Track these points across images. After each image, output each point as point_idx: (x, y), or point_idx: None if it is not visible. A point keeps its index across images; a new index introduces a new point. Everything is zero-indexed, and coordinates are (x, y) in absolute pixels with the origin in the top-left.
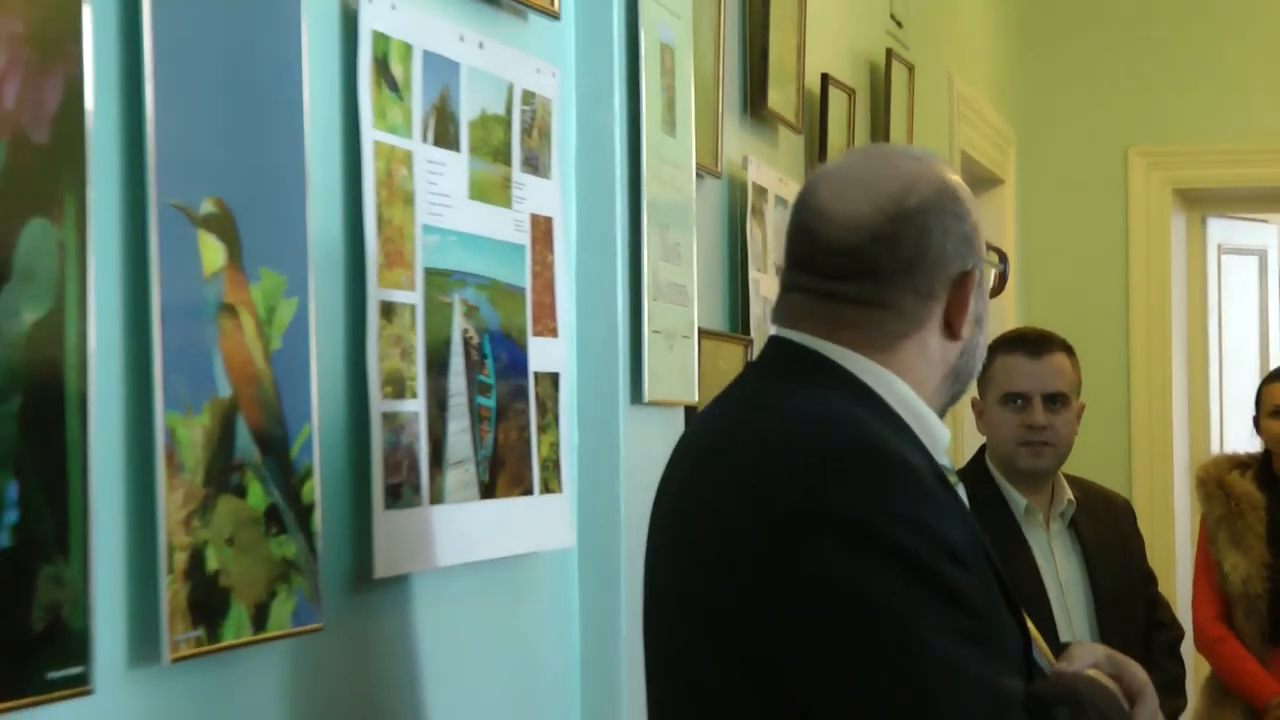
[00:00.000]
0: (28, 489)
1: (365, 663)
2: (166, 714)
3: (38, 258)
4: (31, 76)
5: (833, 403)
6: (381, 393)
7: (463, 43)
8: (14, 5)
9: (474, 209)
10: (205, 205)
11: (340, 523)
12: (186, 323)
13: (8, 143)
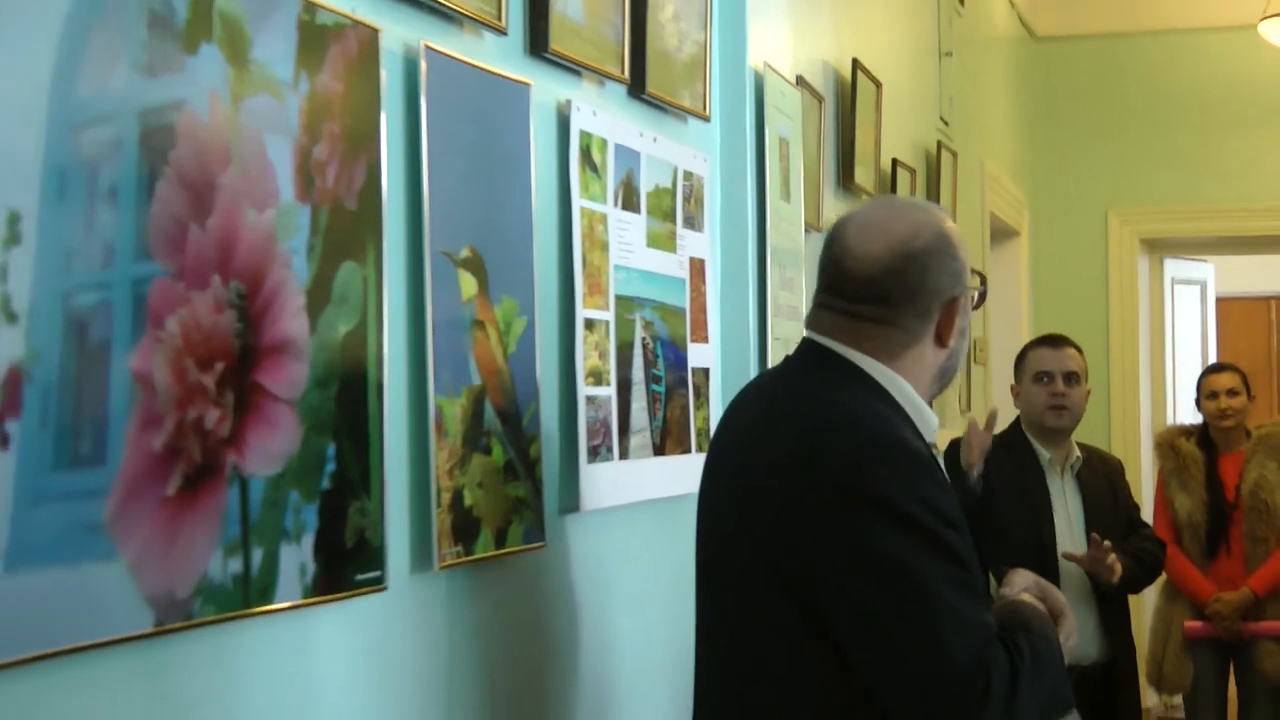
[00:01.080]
0: (342, 448)
1: (573, 570)
2: (437, 605)
3: (349, 288)
4: (345, 163)
5: (864, 399)
6: (585, 382)
7: (641, 138)
8: (334, 114)
9: (650, 254)
10: (463, 251)
11: (556, 472)
12: (450, 333)
13: (329, 209)
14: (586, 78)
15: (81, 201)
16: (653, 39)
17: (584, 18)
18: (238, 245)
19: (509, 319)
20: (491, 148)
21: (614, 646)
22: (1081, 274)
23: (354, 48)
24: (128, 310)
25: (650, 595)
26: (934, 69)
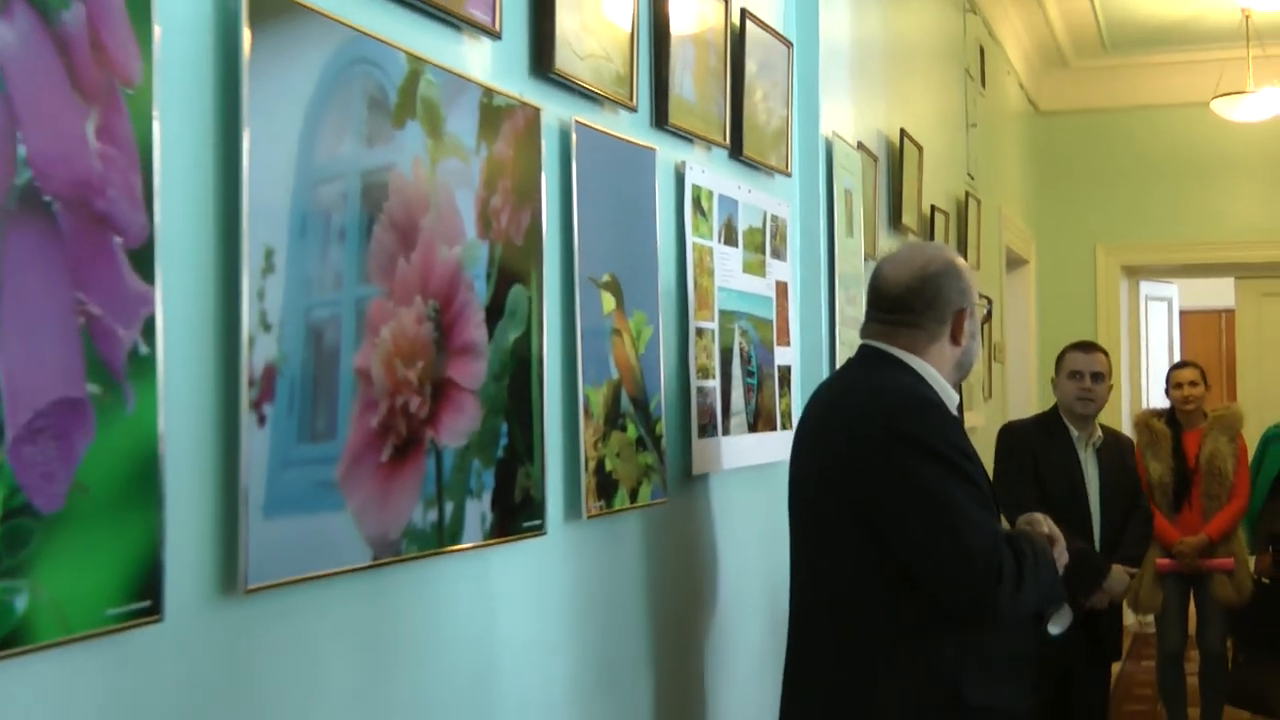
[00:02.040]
0: (512, 426)
1: (688, 520)
2: (585, 547)
3: (518, 305)
4: (515, 210)
5: (900, 377)
6: (696, 376)
7: (739, 189)
8: (506, 173)
9: (745, 278)
10: (605, 276)
11: (675, 445)
12: (595, 339)
13: (502, 245)
14: (697, 144)
15: (319, 240)
16: (748, 114)
17: (695, 98)
18: (434, 273)
19: (639, 328)
20: (625, 197)
21: (720, 579)
22: (1075, 293)
23: (521, 123)
24: (352, 322)
25: (747, 539)
26: (962, 136)
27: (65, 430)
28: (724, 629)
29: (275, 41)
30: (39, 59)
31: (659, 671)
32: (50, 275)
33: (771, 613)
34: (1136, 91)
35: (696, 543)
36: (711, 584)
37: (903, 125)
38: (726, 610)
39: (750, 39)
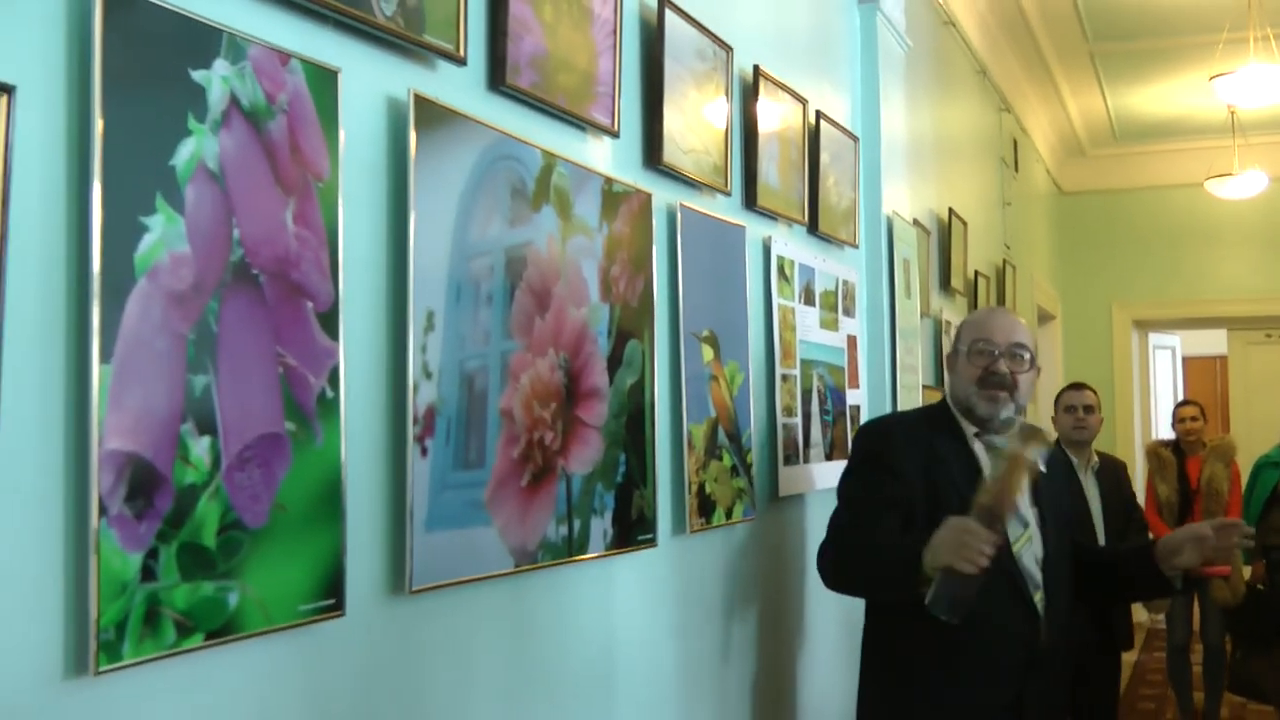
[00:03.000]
0: (629, 456)
1: (774, 534)
2: (690, 555)
3: (633, 356)
4: (631, 278)
5: (914, 409)
6: (781, 414)
7: (816, 259)
8: (624, 247)
9: (821, 333)
10: (704, 331)
11: (763, 471)
12: (697, 384)
13: (620, 306)
14: (781, 222)
15: (471, 304)
16: (822, 196)
17: (779, 184)
18: (565, 330)
19: (733, 374)
20: (721, 266)
21: (803, 584)
22: (1094, 343)
23: (636, 206)
24: (498, 371)
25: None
26: (999, 213)
27: (268, 460)
28: (806, 627)
29: (436, 142)
30: (250, 160)
31: (752, 663)
32: (258, 334)
33: (845, 613)
34: (1143, 174)
35: (782, 553)
36: (795, 587)
37: (950, 204)
38: (808, 611)
39: (824, 135)
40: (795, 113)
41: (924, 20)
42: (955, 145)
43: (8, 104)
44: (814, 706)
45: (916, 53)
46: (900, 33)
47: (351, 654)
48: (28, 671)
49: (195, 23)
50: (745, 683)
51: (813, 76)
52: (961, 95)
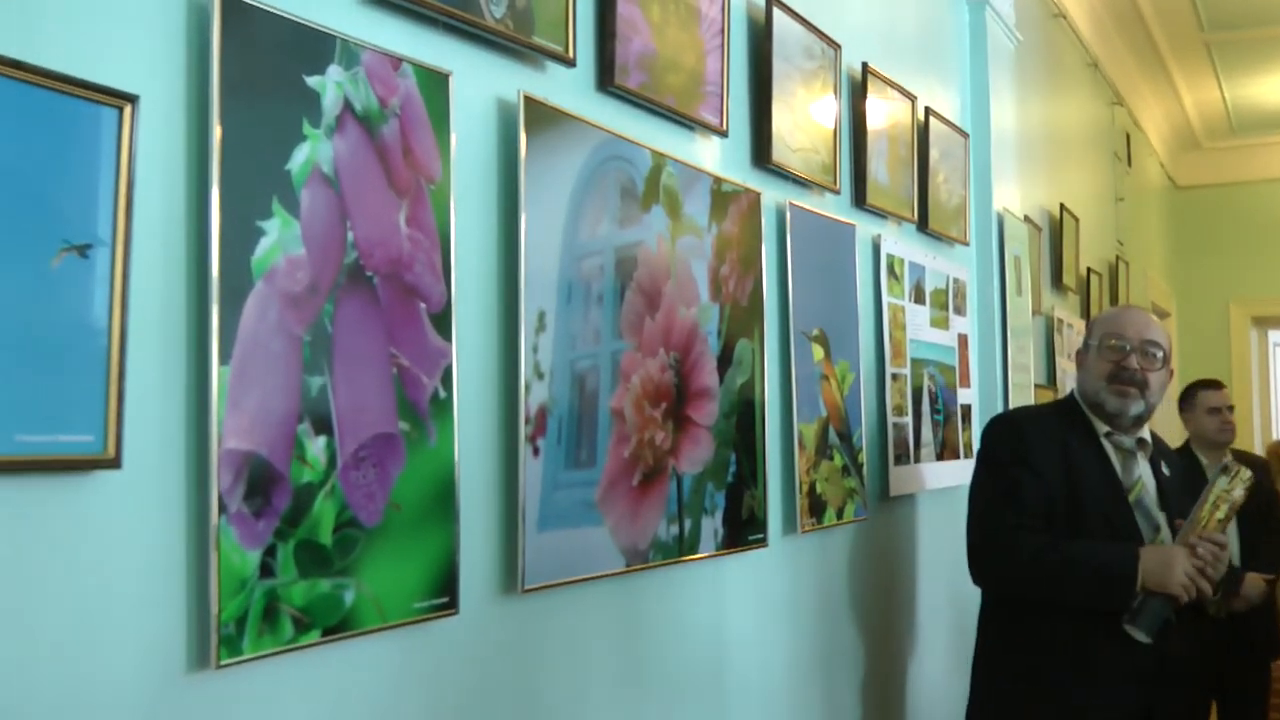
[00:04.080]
0: (739, 456)
1: (885, 533)
2: (801, 555)
3: (744, 355)
4: (740, 277)
5: (1045, 403)
6: (892, 413)
7: (926, 257)
8: (733, 246)
9: (932, 331)
10: (815, 331)
11: (874, 471)
12: (807, 383)
13: (730, 306)
14: (890, 220)
15: (581, 304)
16: (932, 194)
17: (888, 182)
18: (675, 330)
19: (844, 373)
20: (831, 265)
21: (913, 584)
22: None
23: (745, 205)
24: (609, 370)
25: (935, 551)
26: (1112, 209)
27: (382, 459)
28: (917, 627)
29: (546, 143)
30: (364, 163)
31: (862, 662)
32: (372, 335)
33: (957, 615)
34: (1261, 167)
35: (892, 553)
36: (906, 588)
37: (1061, 200)
38: (918, 611)
39: (933, 132)
40: (904, 110)
41: (1033, 13)
42: (1066, 140)
43: (131, 113)
44: (924, 707)
45: (1026, 47)
46: (1010, 27)
47: (465, 652)
48: (153, 665)
49: (310, 30)
50: (854, 683)
51: (921, 73)
52: (1072, 89)
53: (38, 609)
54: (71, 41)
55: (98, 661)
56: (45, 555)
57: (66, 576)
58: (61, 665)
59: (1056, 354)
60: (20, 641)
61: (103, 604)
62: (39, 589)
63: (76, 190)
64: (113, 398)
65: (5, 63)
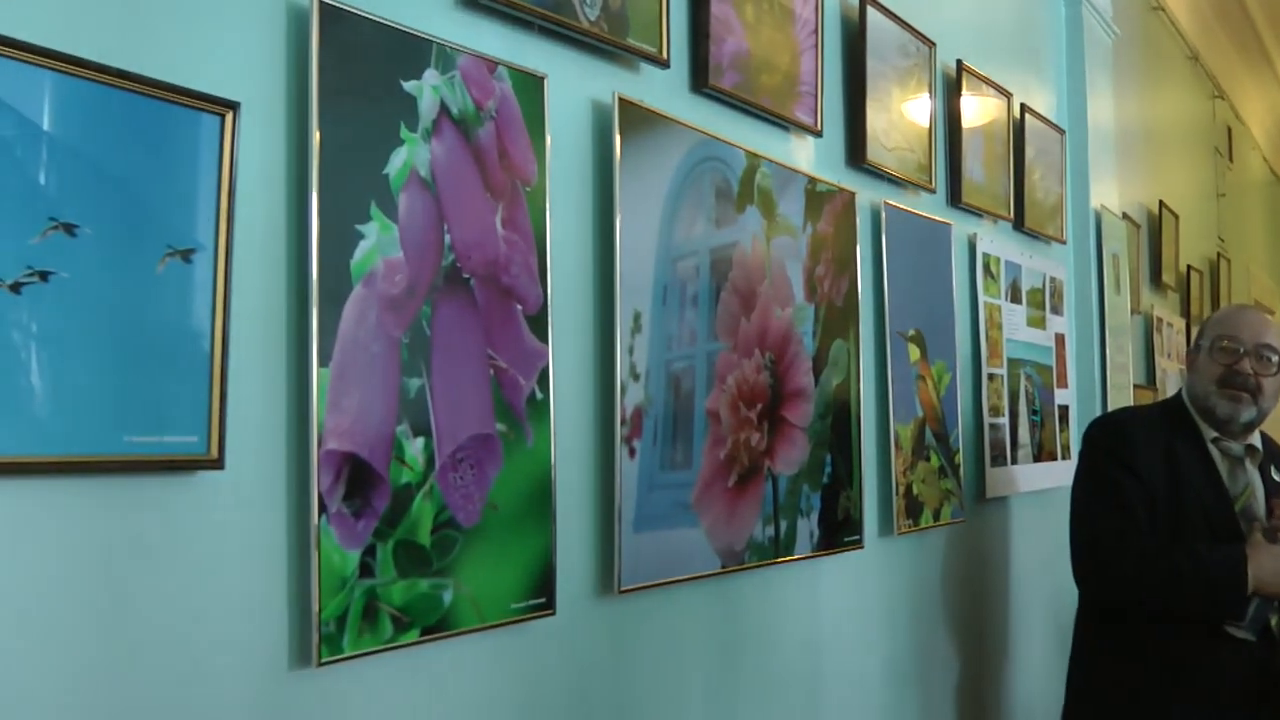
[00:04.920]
0: (835, 457)
1: (982, 536)
2: (897, 557)
3: (839, 356)
4: (835, 277)
5: (1149, 403)
6: (989, 414)
7: (1022, 255)
8: (828, 246)
9: (1029, 331)
10: (910, 331)
11: (971, 473)
12: (903, 383)
13: (825, 306)
14: (986, 218)
15: (676, 305)
16: (1028, 192)
17: (984, 180)
18: (770, 330)
19: (940, 374)
20: (926, 265)
21: (1009, 587)
22: None
23: (839, 205)
24: (704, 372)
25: (1032, 554)
26: (1213, 205)
27: (480, 460)
28: (1013, 630)
29: (641, 145)
30: (460, 166)
31: (957, 664)
32: (469, 337)
33: (1053, 618)
34: None
35: (989, 556)
36: (1002, 591)
37: (1160, 196)
38: (1014, 614)
39: (1029, 129)
40: (1000, 107)
41: (1131, 6)
42: (1165, 135)
43: (232, 119)
44: (1019, 712)
45: (1124, 40)
46: (1107, 20)
47: (562, 652)
48: (256, 662)
49: (406, 34)
50: (949, 686)
51: (1017, 69)
52: (1172, 83)
53: (144, 606)
54: (174, 51)
55: (202, 658)
56: (151, 554)
57: (171, 575)
58: (167, 661)
59: (1156, 354)
60: (127, 637)
61: (207, 602)
62: (145, 586)
63: (180, 196)
64: (215, 399)
65: (112, 72)
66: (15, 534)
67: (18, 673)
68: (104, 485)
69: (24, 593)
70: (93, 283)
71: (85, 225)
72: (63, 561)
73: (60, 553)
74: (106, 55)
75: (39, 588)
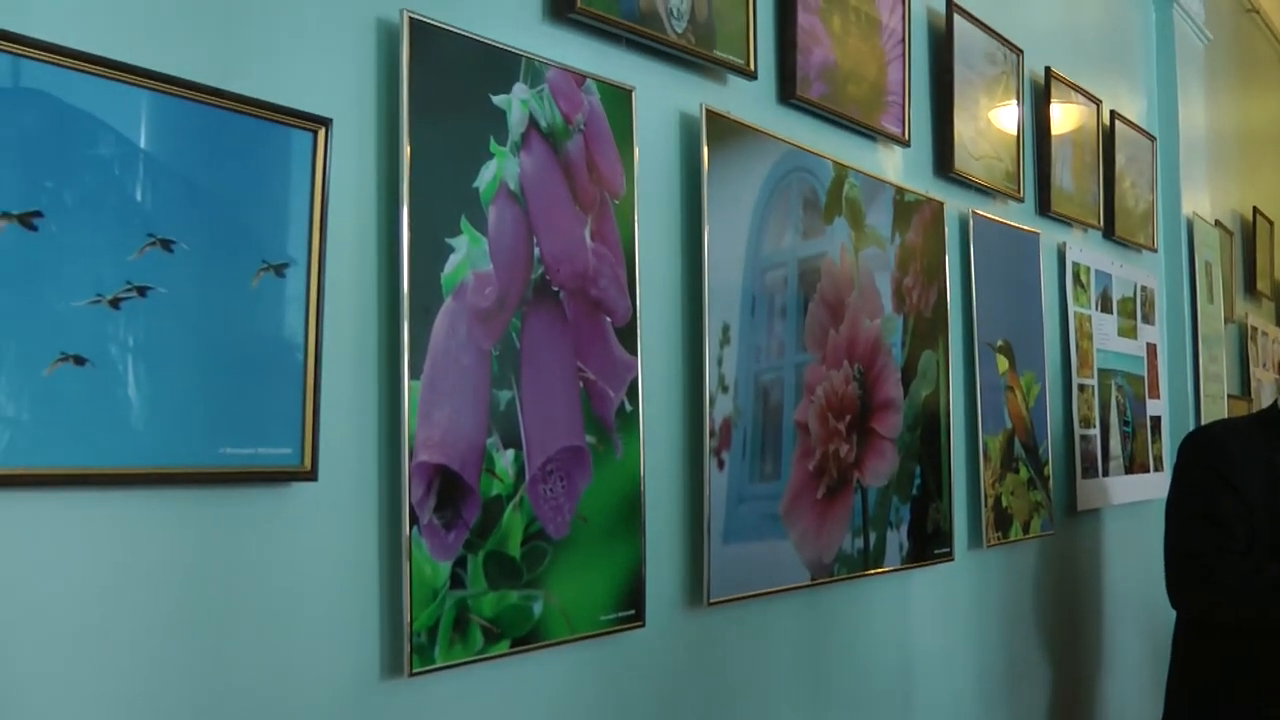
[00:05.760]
0: (924, 469)
1: (1073, 550)
2: (987, 569)
3: (928, 367)
4: (924, 288)
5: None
6: (1079, 425)
7: (1113, 265)
8: (916, 257)
9: (1120, 341)
10: (999, 341)
11: (1061, 485)
12: (991, 394)
13: (913, 317)
14: (1075, 227)
15: (765, 317)
16: (1118, 200)
17: (1073, 188)
18: (859, 341)
19: (1029, 384)
20: (1015, 274)
21: (1101, 600)
22: None
23: (928, 215)
24: (793, 383)
25: (1125, 566)
26: None
27: (570, 472)
28: (1105, 643)
29: (728, 156)
30: (549, 179)
31: (1049, 681)
32: (559, 349)
33: (1149, 634)
34: None
35: (1081, 569)
36: (1094, 604)
37: (1255, 203)
38: (1107, 627)
39: (1119, 136)
40: (1089, 114)
41: (1224, 10)
42: (1260, 140)
43: (325, 136)
44: None
45: (1216, 44)
46: (1199, 25)
47: (651, 664)
48: (348, 671)
49: (495, 49)
50: (1042, 702)
51: (1106, 75)
52: (1266, 86)
53: (239, 615)
54: (268, 68)
55: (296, 666)
56: (246, 564)
57: (266, 584)
58: (261, 669)
59: (1251, 363)
60: (222, 646)
61: (300, 611)
62: (240, 595)
63: (273, 211)
64: (309, 411)
65: (206, 90)
66: (114, 543)
67: (116, 678)
68: (200, 496)
69: (122, 600)
70: (189, 297)
71: (182, 241)
72: (160, 570)
73: (158, 562)
74: (201, 74)
75: (137, 596)
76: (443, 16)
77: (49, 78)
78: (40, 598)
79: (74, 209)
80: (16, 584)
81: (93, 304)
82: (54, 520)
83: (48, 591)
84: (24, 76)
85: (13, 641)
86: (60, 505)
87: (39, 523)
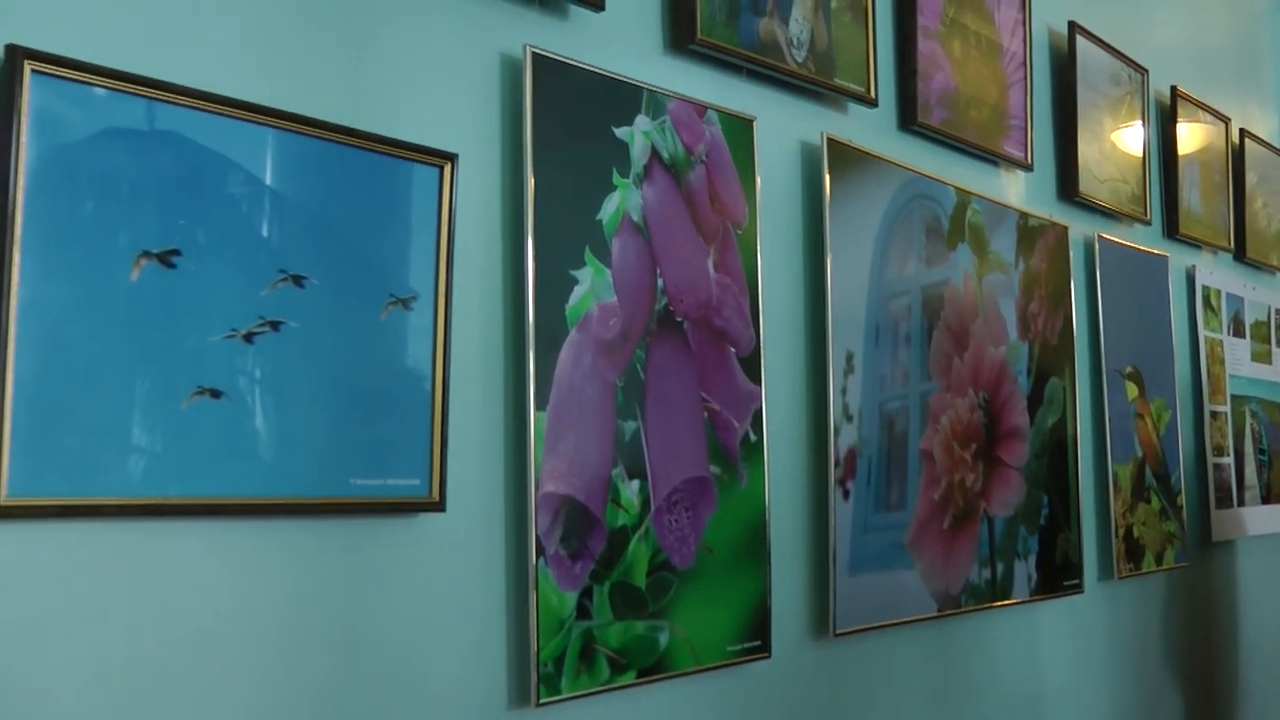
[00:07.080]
0: (1052, 498)
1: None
2: (1119, 602)
3: (1054, 394)
4: (1049, 314)
5: None
6: (1212, 454)
7: (1244, 287)
8: (1041, 282)
9: (1254, 366)
10: (1127, 368)
11: (1194, 515)
12: (1121, 422)
13: (1039, 344)
14: (1205, 250)
15: (889, 345)
16: (1250, 221)
17: (1202, 210)
18: (984, 369)
19: (1159, 412)
20: (1142, 299)
21: (1238, 631)
22: None
23: (1052, 240)
24: (918, 412)
25: (1263, 599)
26: None
27: (695, 503)
28: (1242, 678)
29: (850, 184)
30: (672, 210)
31: (1184, 714)
32: (683, 379)
33: None
34: None
35: (1217, 602)
36: (1231, 639)
37: None
38: (1246, 663)
39: (1250, 154)
40: (1217, 133)
41: None
42: None
43: (450, 171)
44: None
45: None
46: None
47: (777, 696)
48: (477, 702)
49: (617, 82)
50: None
51: (1235, 93)
52: None
53: (368, 643)
54: (392, 105)
55: (424, 695)
56: (375, 593)
57: (395, 613)
58: (389, 698)
59: None
60: (350, 675)
61: (428, 641)
62: (369, 625)
63: (400, 245)
64: (436, 443)
65: (333, 128)
66: (248, 571)
67: (250, 702)
68: (331, 526)
69: (254, 627)
70: (319, 331)
71: (313, 276)
72: (291, 599)
73: (288, 591)
74: (329, 113)
75: (267, 624)
76: (565, 50)
77: (181, 120)
78: (176, 623)
79: (208, 247)
80: (156, 610)
81: (227, 338)
82: (189, 549)
83: (184, 617)
84: (159, 119)
85: (152, 664)
86: (195, 535)
87: (175, 552)
